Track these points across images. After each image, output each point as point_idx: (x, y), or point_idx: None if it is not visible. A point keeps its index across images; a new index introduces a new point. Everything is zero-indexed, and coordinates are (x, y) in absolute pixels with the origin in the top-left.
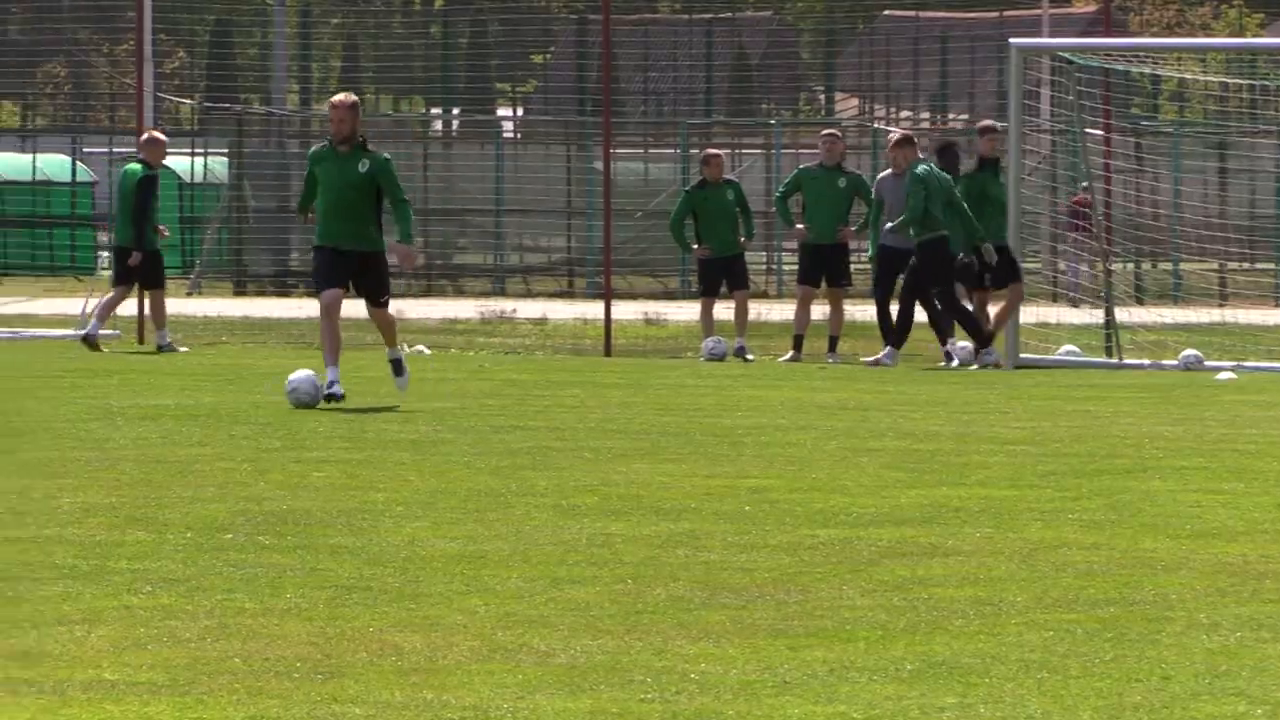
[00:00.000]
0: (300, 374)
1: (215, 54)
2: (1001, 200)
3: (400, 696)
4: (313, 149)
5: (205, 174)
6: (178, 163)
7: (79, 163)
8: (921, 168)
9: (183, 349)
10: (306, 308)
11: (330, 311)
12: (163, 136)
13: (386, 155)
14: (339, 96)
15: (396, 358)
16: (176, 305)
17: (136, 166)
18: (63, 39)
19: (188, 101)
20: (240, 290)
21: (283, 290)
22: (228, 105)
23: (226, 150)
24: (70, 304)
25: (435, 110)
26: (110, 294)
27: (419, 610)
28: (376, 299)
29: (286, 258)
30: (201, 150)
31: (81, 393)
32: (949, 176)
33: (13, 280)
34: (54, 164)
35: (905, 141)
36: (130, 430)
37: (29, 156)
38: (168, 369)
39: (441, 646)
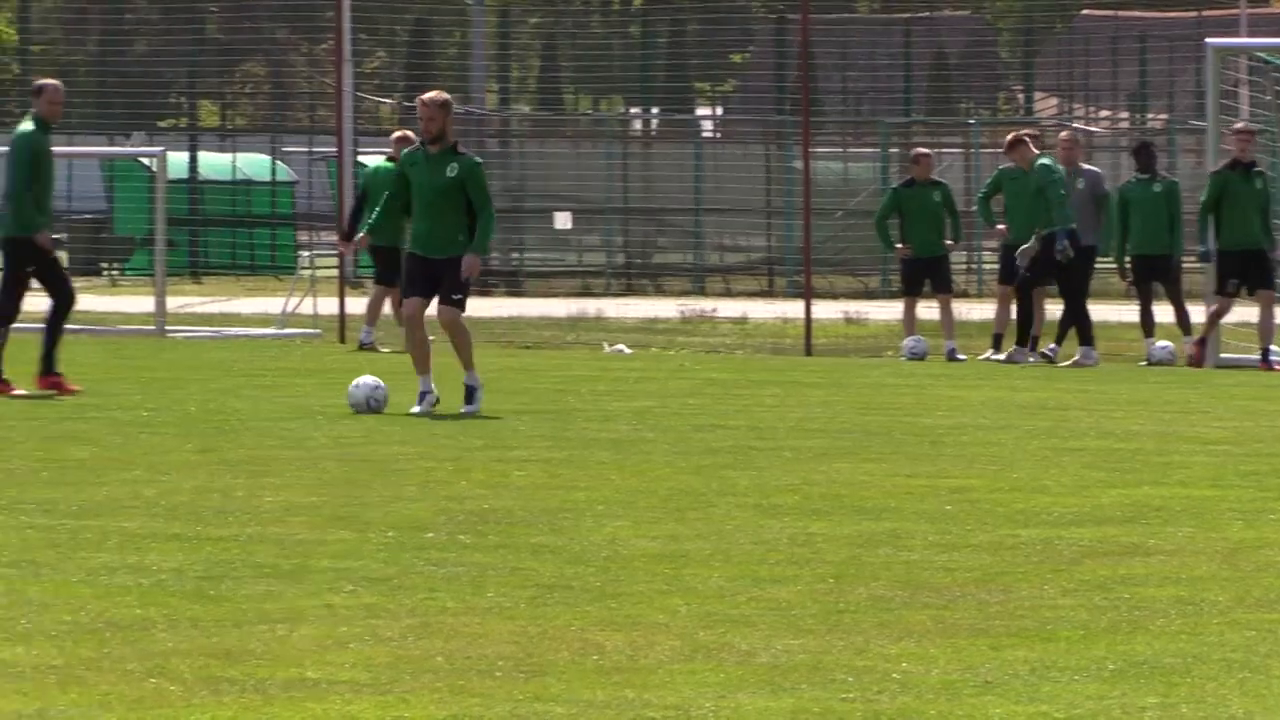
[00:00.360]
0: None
1: (414, 53)
2: (1254, 203)
3: (602, 695)
4: (405, 150)
5: None
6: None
7: (278, 162)
8: (1046, 158)
9: (384, 349)
10: (505, 306)
11: (412, 322)
12: (414, 136)
13: (477, 159)
14: (429, 94)
15: (473, 385)
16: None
17: (389, 164)
18: (262, 38)
19: (387, 101)
20: None
21: (482, 289)
22: None
23: None
24: (270, 303)
25: (634, 110)
26: (377, 292)
27: (620, 609)
28: (447, 294)
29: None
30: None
31: (283, 392)
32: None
33: (214, 279)
34: (254, 163)
35: (1018, 142)
36: (331, 429)
37: (229, 156)
38: (369, 369)
39: (643, 646)
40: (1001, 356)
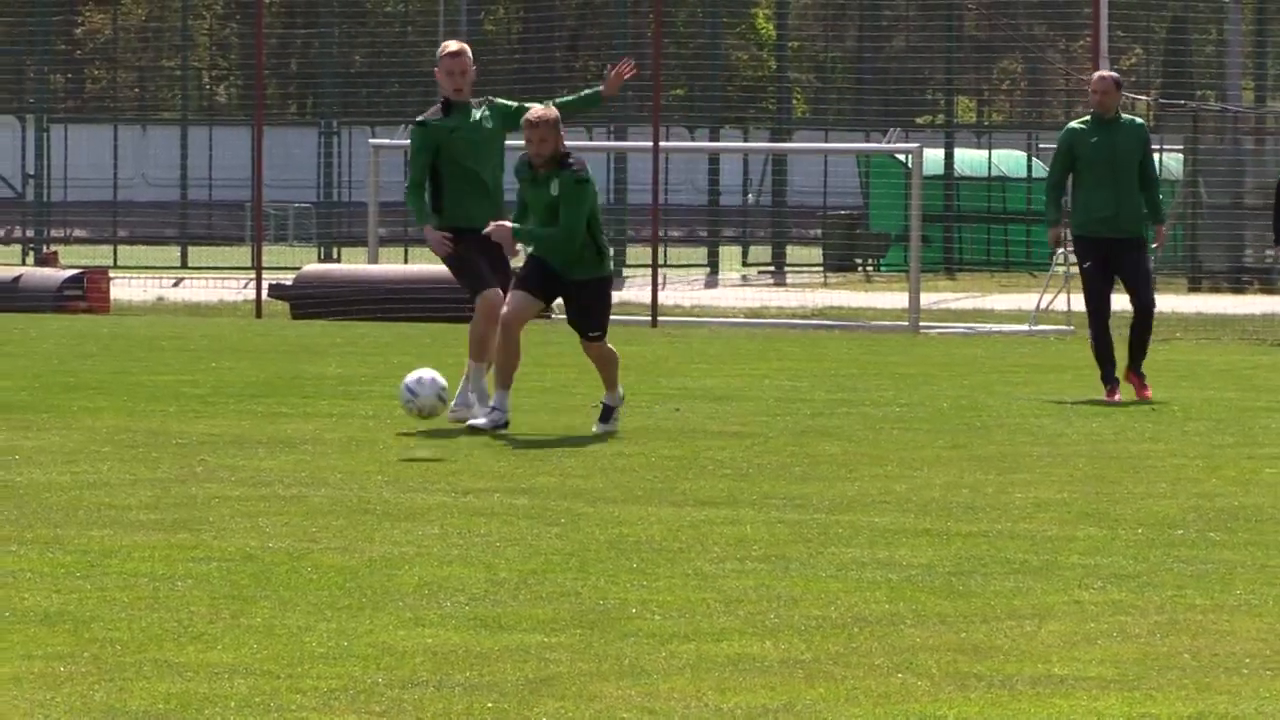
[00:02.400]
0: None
1: (1170, 50)
2: None
3: None
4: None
5: (1159, 170)
6: None
7: (1034, 159)
8: None
9: None
10: (1259, 304)
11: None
12: None
13: (579, 177)
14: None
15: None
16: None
17: None
18: (1019, 35)
19: (1143, 98)
20: (1194, 286)
21: (1236, 287)
22: (1182, 102)
23: (1181, 147)
24: (1024, 300)
25: None
26: None
27: None
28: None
29: (1240, 254)
30: (1156, 146)
31: (1033, 388)
32: None
33: (968, 276)
34: (1010, 160)
35: None
36: (1082, 425)
37: (984, 153)
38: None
39: None
40: None
